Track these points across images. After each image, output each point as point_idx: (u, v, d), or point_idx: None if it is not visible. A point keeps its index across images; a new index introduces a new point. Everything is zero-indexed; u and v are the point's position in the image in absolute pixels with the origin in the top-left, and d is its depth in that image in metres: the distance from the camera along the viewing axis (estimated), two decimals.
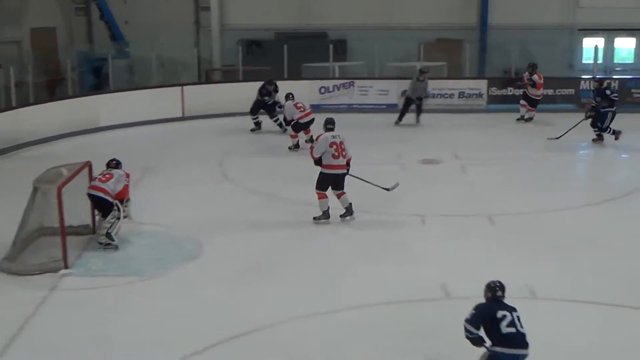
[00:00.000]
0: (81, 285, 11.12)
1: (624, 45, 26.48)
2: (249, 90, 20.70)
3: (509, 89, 22.60)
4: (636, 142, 19.55)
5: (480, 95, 22.82)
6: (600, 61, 24.81)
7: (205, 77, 24.51)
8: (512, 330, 7.71)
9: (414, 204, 14.17)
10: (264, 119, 20.03)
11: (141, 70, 23.66)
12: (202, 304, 10.54)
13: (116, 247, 12.23)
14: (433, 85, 23.05)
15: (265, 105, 19.88)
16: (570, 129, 18.66)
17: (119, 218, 12.32)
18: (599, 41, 25.80)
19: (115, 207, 12.27)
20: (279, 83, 21.26)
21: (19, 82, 19.57)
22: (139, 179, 15.63)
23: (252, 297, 10.78)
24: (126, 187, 12.48)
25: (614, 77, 24.17)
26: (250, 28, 25.58)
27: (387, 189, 14.09)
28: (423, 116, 21.52)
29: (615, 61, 26.22)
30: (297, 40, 24.72)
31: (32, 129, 18.94)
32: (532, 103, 21.08)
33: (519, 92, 21.42)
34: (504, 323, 7.75)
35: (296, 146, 18.49)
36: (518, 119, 21.26)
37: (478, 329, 7.89)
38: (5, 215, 12.65)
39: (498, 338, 7.73)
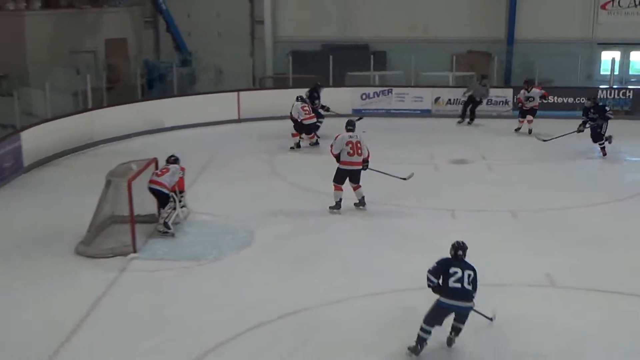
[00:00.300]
0: (147, 268, 11.32)
1: (639, 59, 26.10)
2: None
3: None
4: None
5: (506, 102, 22.69)
6: (616, 72, 24.52)
7: (259, 83, 24.56)
8: (458, 285, 8.51)
9: (445, 200, 14.19)
10: None
11: (202, 77, 23.79)
12: (252, 287, 10.65)
13: (172, 235, 12.41)
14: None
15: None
16: (559, 136, 18.69)
17: (174, 208, 12.47)
18: (616, 54, 25.52)
19: (172, 199, 12.42)
20: (325, 91, 21.26)
21: (94, 87, 19.73)
22: (198, 174, 15.80)
23: (296, 281, 10.85)
24: (181, 180, 12.69)
25: (630, 87, 23.89)
26: (299, 40, 25.60)
27: (404, 179, 14.14)
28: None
29: (631, 72, 25.88)
30: (341, 51, 24.74)
31: (105, 128, 19.25)
32: (533, 113, 20.69)
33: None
34: (452, 278, 8.54)
35: (297, 145, 18.64)
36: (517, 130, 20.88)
37: (437, 278, 8.69)
38: (81, 204, 12.89)
39: (445, 290, 8.54)
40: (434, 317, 8.55)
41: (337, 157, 13.62)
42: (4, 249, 12.04)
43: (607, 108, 18.21)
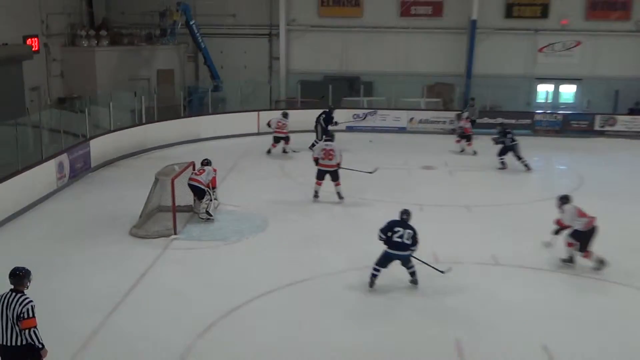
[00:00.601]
0: (185, 246, 11.43)
1: (567, 90, 26.07)
2: (305, 115, 20.84)
3: (485, 119, 22.44)
4: (572, 158, 19.38)
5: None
6: (550, 101, 24.52)
7: (275, 105, 24.61)
8: (399, 240, 9.48)
9: (416, 196, 14.16)
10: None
11: (230, 99, 23.83)
12: (268, 262, 10.79)
13: (212, 221, 12.51)
14: (432, 115, 23.05)
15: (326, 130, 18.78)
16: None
17: (210, 200, 12.52)
18: (550, 87, 25.54)
19: (207, 193, 12.46)
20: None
21: (147, 107, 19.80)
22: (226, 174, 15.81)
23: (301, 258, 10.91)
24: (214, 179, 12.84)
25: (560, 111, 23.84)
26: (307, 72, 25.62)
27: (370, 172, 14.14)
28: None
29: (561, 101, 25.83)
30: (338, 81, 24.71)
31: (155, 138, 19.30)
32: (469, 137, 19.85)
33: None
34: (396, 235, 9.52)
35: (268, 151, 18.70)
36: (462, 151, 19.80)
37: (386, 234, 9.58)
38: (135, 196, 12.98)
39: (390, 242, 9.52)
40: (382, 261, 9.60)
41: (316, 161, 13.93)
42: (74, 230, 12.17)
43: (510, 135, 17.59)
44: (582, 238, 10.39)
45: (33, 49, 20.84)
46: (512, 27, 25.38)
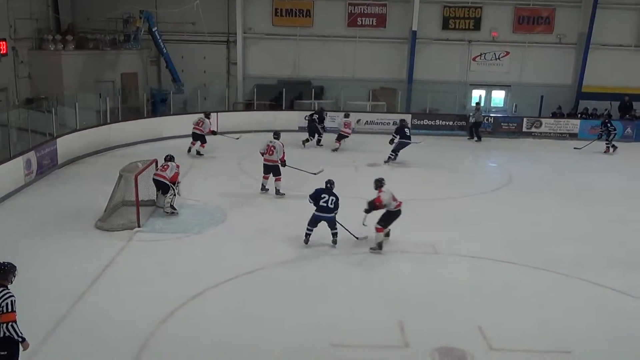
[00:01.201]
0: (148, 238, 11.23)
1: (497, 96, 26.53)
2: (259, 117, 20.68)
3: (424, 120, 22.71)
4: (503, 157, 19.72)
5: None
6: (482, 105, 24.86)
7: (232, 107, 24.38)
8: (325, 205, 10.72)
9: (361, 191, 14.11)
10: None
11: (191, 101, 23.49)
12: (226, 252, 10.64)
13: (177, 214, 12.36)
14: (377, 117, 23.16)
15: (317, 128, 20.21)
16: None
17: (174, 194, 12.29)
18: (482, 92, 25.92)
19: (171, 187, 12.25)
20: (279, 114, 21.33)
21: (112, 107, 19.42)
22: (187, 171, 15.56)
23: (256, 248, 10.82)
24: (176, 174, 12.57)
25: (491, 114, 24.26)
26: (262, 76, 25.44)
27: (314, 174, 14.13)
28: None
29: (492, 105, 26.28)
30: (291, 85, 24.62)
31: (119, 137, 18.89)
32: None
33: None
34: (322, 200, 10.77)
35: (189, 150, 18.37)
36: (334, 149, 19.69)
37: (314, 199, 10.81)
38: (100, 192, 12.67)
39: (317, 206, 10.78)
40: (312, 222, 10.87)
41: (262, 155, 13.98)
42: (41, 223, 11.83)
43: (407, 130, 18.25)
44: (390, 218, 10.85)
45: (1, 52, 20.18)
46: (448, 38, 25.70)
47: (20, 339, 6.12)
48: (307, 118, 20.90)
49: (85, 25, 24.35)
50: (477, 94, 25.74)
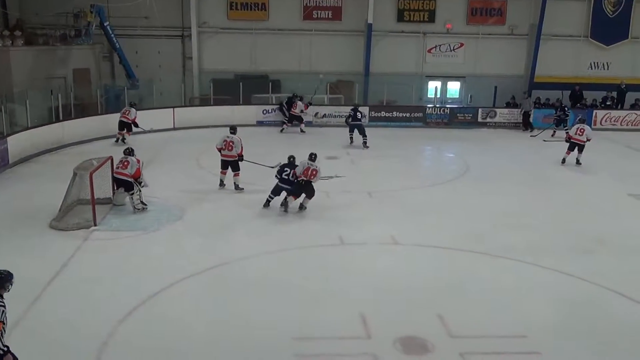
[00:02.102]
0: (105, 237, 11.01)
1: (453, 87, 26.88)
2: (218, 111, 20.54)
3: (382, 112, 22.86)
4: (459, 147, 19.98)
5: (364, 115, 22.82)
6: (439, 96, 25.20)
7: (189, 102, 24.10)
8: (286, 177, 12.30)
9: (321, 185, 14.17)
10: None
11: (146, 97, 23.12)
12: (185, 249, 10.49)
13: (147, 209, 12.26)
14: (335, 109, 23.19)
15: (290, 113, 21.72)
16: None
17: (140, 190, 12.15)
18: (438, 84, 26.17)
19: (135, 184, 12.04)
20: (236, 108, 21.28)
21: (64, 104, 19.00)
22: (144, 168, 15.28)
23: (216, 244, 10.74)
24: (138, 170, 12.30)
25: (447, 105, 24.58)
26: (218, 71, 25.18)
27: (272, 167, 14.10)
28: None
29: (448, 96, 26.60)
30: (248, 79, 24.44)
31: (72, 135, 18.54)
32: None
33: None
34: (284, 173, 12.34)
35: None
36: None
37: (279, 174, 12.43)
38: (54, 190, 12.35)
39: (279, 178, 12.36)
40: (274, 191, 12.46)
41: (219, 151, 13.83)
42: None
43: (359, 114, 19.70)
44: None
45: None
46: (404, 30, 25.89)
47: (1, 351, 5.84)
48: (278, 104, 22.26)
49: (35, 21, 23.63)
50: (433, 85, 25.97)
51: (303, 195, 12.41)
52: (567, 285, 9.37)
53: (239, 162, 13.81)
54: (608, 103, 24.32)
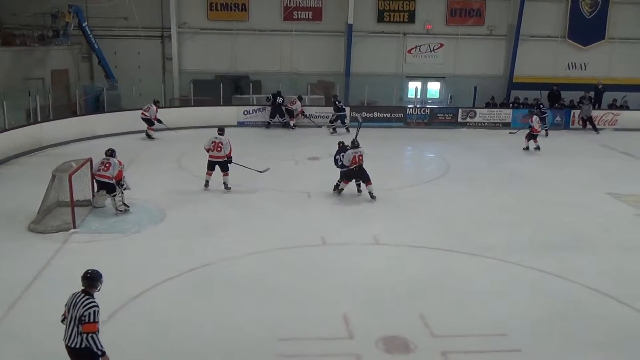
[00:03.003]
0: (84, 239, 10.92)
1: (433, 87, 27.06)
2: (198, 112, 20.46)
3: (363, 113, 22.87)
4: (440, 147, 20.10)
5: (345, 116, 22.94)
6: (419, 96, 25.35)
7: (169, 103, 23.97)
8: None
9: (303, 185, 14.23)
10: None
11: (126, 98, 22.95)
12: (166, 251, 10.44)
13: (130, 211, 12.18)
14: (317, 110, 23.20)
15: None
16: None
17: (122, 192, 12.09)
18: (418, 84, 26.35)
19: (117, 186, 11.96)
20: (217, 109, 21.28)
21: (42, 106, 18.81)
22: (124, 169, 15.17)
23: (199, 245, 10.69)
24: (120, 172, 12.20)
25: (427, 106, 24.73)
26: (199, 72, 25.09)
27: (261, 171, 14.12)
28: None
29: (428, 96, 26.77)
30: (229, 80, 24.42)
31: (51, 136, 18.33)
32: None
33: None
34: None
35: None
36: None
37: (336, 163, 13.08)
38: (33, 193, 12.22)
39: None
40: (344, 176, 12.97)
41: (207, 151, 13.76)
42: None
43: (340, 105, 21.28)
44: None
45: None
46: (384, 31, 26.00)
47: (100, 352, 5.95)
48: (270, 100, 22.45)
49: (12, 21, 23.38)
50: (414, 86, 26.09)
51: (363, 185, 13.32)
52: (546, 284, 9.49)
53: (228, 164, 13.78)
54: (585, 103, 24.65)
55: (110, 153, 12.37)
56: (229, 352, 7.37)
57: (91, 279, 6.22)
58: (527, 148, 19.31)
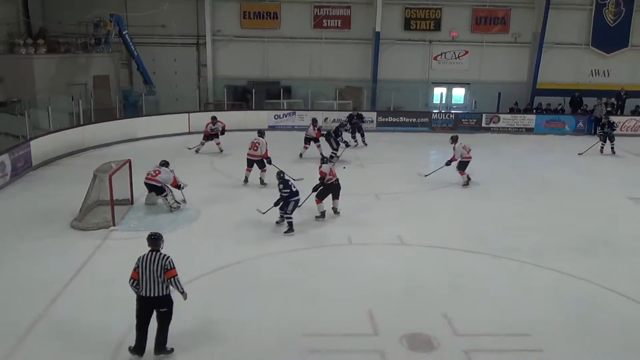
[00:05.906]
0: (123, 237, 11.06)
1: (458, 93, 26.85)
2: (231, 116, 20.59)
3: (389, 118, 22.77)
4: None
5: (372, 121, 22.91)
6: (444, 102, 25.18)
7: (203, 107, 24.20)
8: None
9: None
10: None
11: (163, 102, 23.25)
12: (200, 249, 10.50)
13: (180, 207, 12.64)
14: (345, 115, 23.07)
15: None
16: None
17: (171, 191, 12.60)
18: (443, 90, 26.17)
19: (165, 188, 12.44)
20: (249, 113, 21.09)
21: (85, 109, 19.14)
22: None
23: (232, 244, 10.76)
24: (175, 178, 12.74)
25: (452, 111, 24.53)
26: (232, 77, 25.34)
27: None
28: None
29: (453, 102, 26.57)
30: (261, 86, 24.58)
31: (92, 139, 18.65)
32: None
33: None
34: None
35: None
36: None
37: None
38: (75, 192, 12.45)
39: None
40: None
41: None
42: (16, 225, 11.56)
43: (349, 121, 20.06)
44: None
45: None
46: (410, 38, 25.92)
47: (182, 291, 7.00)
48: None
49: (57, 29, 23.85)
50: (439, 92, 25.94)
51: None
52: (569, 286, 9.31)
53: (265, 163, 14.23)
54: (609, 109, 24.16)
55: (164, 163, 12.81)
56: (257, 348, 7.37)
57: (156, 239, 7.29)
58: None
